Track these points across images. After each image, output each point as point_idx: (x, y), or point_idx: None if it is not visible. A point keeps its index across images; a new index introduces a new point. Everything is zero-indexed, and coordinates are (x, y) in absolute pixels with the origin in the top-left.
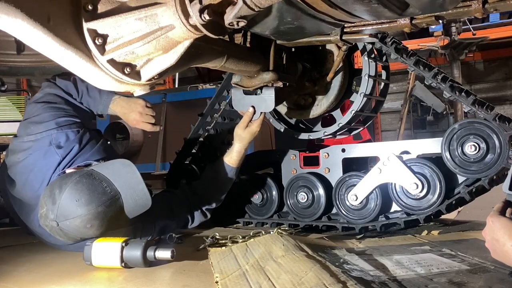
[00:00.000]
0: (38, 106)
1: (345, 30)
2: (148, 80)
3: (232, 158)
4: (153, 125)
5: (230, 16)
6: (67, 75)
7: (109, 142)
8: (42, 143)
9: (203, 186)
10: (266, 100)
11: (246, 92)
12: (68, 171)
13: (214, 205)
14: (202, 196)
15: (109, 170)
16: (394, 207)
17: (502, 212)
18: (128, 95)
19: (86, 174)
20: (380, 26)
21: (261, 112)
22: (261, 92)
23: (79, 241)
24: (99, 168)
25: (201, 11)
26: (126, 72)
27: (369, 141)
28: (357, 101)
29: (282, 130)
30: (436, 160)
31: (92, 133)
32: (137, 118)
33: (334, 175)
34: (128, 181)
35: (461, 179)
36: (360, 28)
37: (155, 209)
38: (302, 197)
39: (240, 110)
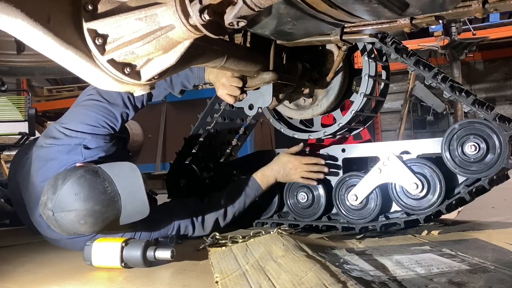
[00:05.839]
0: (91, 101)
1: (345, 30)
2: (148, 80)
3: (258, 171)
4: (235, 97)
5: (230, 16)
6: None
7: (130, 154)
8: (72, 140)
9: (220, 196)
10: (264, 95)
11: None
12: (78, 164)
13: (220, 221)
14: (214, 207)
15: (115, 171)
16: (394, 207)
17: None
18: None
19: (92, 171)
20: (380, 26)
21: (258, 105)
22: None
23: (73, 235)
24: (106, 167)
25: (201, 11)
26: (126, 72)
27: (369, 141)
28: (357, 101)
29: (282, 130)
30: (436, 160)
31: (119, 143)
32: (220, 89)
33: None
34: (130, 185)
35: (461, 179)
36: (360, 28)
37: (155, 219)
38: (302, 197)
39: (238, 105)
